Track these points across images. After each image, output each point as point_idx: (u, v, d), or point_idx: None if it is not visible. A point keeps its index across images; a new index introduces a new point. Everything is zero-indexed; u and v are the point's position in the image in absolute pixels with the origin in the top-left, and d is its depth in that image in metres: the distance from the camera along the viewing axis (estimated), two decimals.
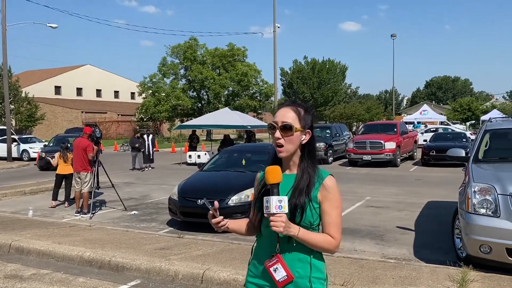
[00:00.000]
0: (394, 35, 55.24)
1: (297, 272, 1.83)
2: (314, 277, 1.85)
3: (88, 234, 6.78)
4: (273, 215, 1.73)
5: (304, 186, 1.87)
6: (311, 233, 1.84)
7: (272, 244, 1.87)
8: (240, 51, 42.36)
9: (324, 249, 1.87)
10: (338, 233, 1.87)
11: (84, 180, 9.17)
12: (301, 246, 1.85)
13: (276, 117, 1.90)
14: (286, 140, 1.86)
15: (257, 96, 43.64)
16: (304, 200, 1.84)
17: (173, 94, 40.09)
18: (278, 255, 1.83)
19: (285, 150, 1.88)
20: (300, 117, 1.89)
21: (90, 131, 9.39)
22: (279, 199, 1.74)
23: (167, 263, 5.05)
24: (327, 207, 1.87)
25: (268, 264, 1.84)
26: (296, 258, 1.84)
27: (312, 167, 1.92)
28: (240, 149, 10.50)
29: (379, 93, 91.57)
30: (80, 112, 48.73)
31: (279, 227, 1.72)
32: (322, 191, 1.88)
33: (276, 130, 1.86)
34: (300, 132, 1.88)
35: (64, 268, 5.43)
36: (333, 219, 1.87)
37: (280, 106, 1.95)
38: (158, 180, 14.74)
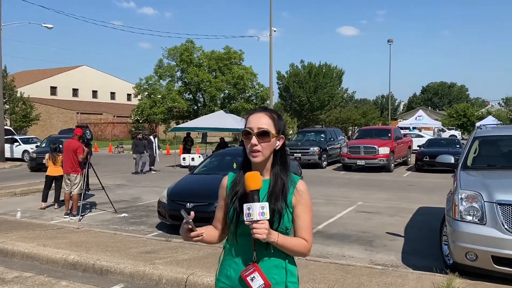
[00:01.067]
0: (391, 41, 55.44)
1: (274, 278, 1.83)
2: (289, 281, 1.87)
3: (74, 237, 6.71)
4: (256, 222, 1.70)
5: (279, 192, 1.86)
6: (288, 238, 1.84)
7: (248, 253, 1.84)
8: (237, 54, 42.35)
9: (299, 253, 1.87)
10: (310, 236, 1.90)
11: (73, 182, 9.11)
12: (278, 252, 1.84)
13: (250, 123, 1.88)
14: (263, 146, 1.85)
15: (253, 99, 43.62)
16: (281, 205, 1.84)
17: (169, 96, 40.02)
18: (255, 264, 1.81)
19: (261, 155, 1.86)
20: (275, 123, 1.89)
21: (81, 133, 9.33)
22: (261, 205, 1.72)
23: (152, 267, 4.99)
24: (300, 211, 1.88)
25: (245, 274, 1.81)
26: (273, 265, 1.84)
27: (285, 172, 1.91)
28: (231, 152, 10.46)
29: (376, 98, 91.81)
30: (75, 113, 48.58)
31: (262, 234, 1.71)
32: (296, 196, 1.89)
33: (252, 136, 1.84)
34: (275, 138, 1.88)
35: (48, 271, 5.36)
36: (306, 223, 1.89)
37: (252, 112, 1.93)
38: (151, 183, 14.68)
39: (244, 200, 1.81)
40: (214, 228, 2.05)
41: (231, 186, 1.97)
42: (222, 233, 2.04)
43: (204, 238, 1.91)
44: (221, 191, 2.02)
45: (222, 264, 1.97)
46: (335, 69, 52.29)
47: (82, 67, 60.36)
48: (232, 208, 1.90)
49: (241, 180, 1.90)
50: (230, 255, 1.92)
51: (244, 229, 1.80)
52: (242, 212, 1.77)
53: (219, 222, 2.03)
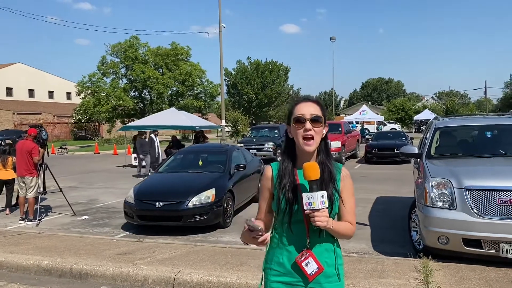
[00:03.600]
0: (333, 38, 57.21)
1: (325, 262, 1.92)
2: (339, 264, 1.97)
3: (40, 242, 6.37)
4: (317, 210, 1.76)
5: (328, 179, 1.92)
6: (339, 222, 1.94)
7: (301, 240, 1.90)
8: (184, 51, 41.78)
9: (347, 236, 1.97)
10: (354, 219, 2.00)
11: (29, 185, 8.61)
12: (328, 238, 1.93)
13: (301, 110, 1.92)
14: (316, 131, 1.90)
15: (202, 97, 43.28)
16: (332, 192, 1.91)
17: (114, 94, 38.69)
18: (309, 250, 1.89)
19: (315, 143, 1.90)
20: (323, 110, 1.96)
21: (36, 133, 8.83)
22: (321, 194, 1.78)
23: (135, 268, 4.88)
24: (346, 196, 1.97)
25: (300, 260, 1.88)
26: (324, 249, 1.93)
27: (330, 160, 1.98)
28: (195, 149, 10.36)
29: (319, 94, 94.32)
30: (11, 113, 45.60)
31: (324, 222, 1.77)
32: (342, 182, 1.98)
33: (306, 122, 1.88)
34: (324, 125, 1.95)
35: (20, 278, 5.07)
36: (351, 206, 1.99)
37: (298, 101, 1.98)
38: (104, 184, 14.18)
39: (296, 190, 1.85)
40: (262, 222, 2.05)
41: (277, 177, 1.98)
42: (267, 223, 2.08)
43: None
44: (265, 182, 2.04)
45: (272, 252, 2.00)
46: (281, 66, 53.13)
47: (16, 64, 56.65)
48: (284, 198, 1.92)
49: (289, 171, 1.94)
50: (281, 244, 1.96)
51: (297, 217, 1.86)
52: (296, 201, 1.82)
53: (263, 213, 2.06)
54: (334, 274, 1.94)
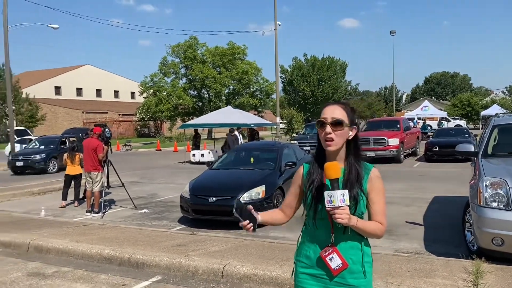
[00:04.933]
0: (393, 32, 55.39)
1: (351, 259, 1.99)
2: (365, 261, 2.03)
3: (103, 233, 6.89)
4: (337, 208, 1.85)
5: (354, 179, 2.00)
6: (365, 221, 2.00)
7: (326, 235, 2.00)
8: (240, 50, 42.40)
9: (375, 235, 2.03)
10: (385, 220, 2.05)
11: (95, 179, 9.27)
12: (354, 235, 2.01)
13: (325, 113, 2.04)
14: (337, 134, 1.99)
15: (258, 94, 43.71)
16: (357, 192, 1.98)
17: (174, 93, 40.14)
18: (333, 246, 1.98)
19: (334, 144, 2.00)
20: (348, 114, 2.04)
21: (100, 131, 9.49)
22: (342, 193, 1.87)
23: (187, 259, 5.16)
24: (374, 197, 2.03)
25: (324, 254, 1.98)
26: (349, 246, 2.00)
27: (358, 161, 2.06)
28: (247, 147, 10.61)
29: (379, 90, 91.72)
30: (80, 112, 48.79)
31: (344, 219, 1.86)
32: (370, 182, 2.03)
33: (327, 126, 2.00)
34: (348, 128, 2.03)
35: (85, 265, 5.54)
36: (381, 207, 2.04)
37: (327, 104, 2.09)
38: (164, 179, 14.85)
39: (321, 188, 1.96)
40: (280, 212, 2.24)
41: (307, 175, 2.12)
42: (288, 217, 2.22)
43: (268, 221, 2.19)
44: (296, 178, 2.19)
45: (301, 246, 2.13)
46: (338, 62, 52.30)
47: (85, 66, 60.54)
48: (310, 195, 2.05)
49: (317, 170, 2.06)
50: (309, 238, 2.09)
51: (323, 214, 1.97)
52: (321, 199, 1.93)
53: (288, 207, 2.21)
54: (360, 271, 2.00)
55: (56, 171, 17.57)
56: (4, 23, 22.58)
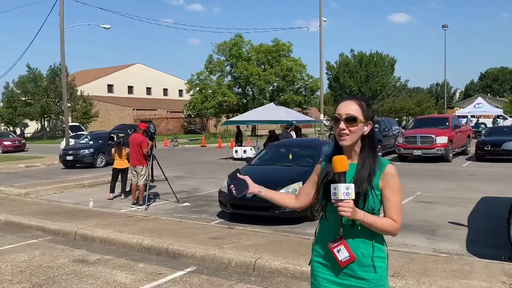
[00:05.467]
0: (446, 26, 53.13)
1: (361, 252, 2.01)
2: (376, 256, 2.03)
3: (145, 224, 7.18)
4: (341, 201, 1.88)
5: (365, 175, 2.01)
6: (375, 217, 1.99)
7: (337, 228, 2.03)
8: (285, 46, 42.34)
9: (387, 232, 2.02)
10: (399, 217, 2.02)
11: (139, 173, 9.66)
12: (364, 231, 2.01)
13: (340, 109, 2.06)
14: (351, 130, 2.02)
15: (302, 91, 43.49)
16: (366, 187, 1.99)
17: (219, 90, 40.78)
18: (342, 238, 2.01)
19: (348, 139, 2.03)
20: (363, 110, 2.05)
21: (145, 127, 9.86)
22: (346, 186, 1.89)
23: (221, 251, 5.29)
24: (388, 193, 2.02)
25: (332, 246, 2.01)
26: (361, 240, 2.02)
27: (373, 156, 2.06)
28: (286, 143, 10.63)
29: (430, 86, 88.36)
30: (131, 109, 50.68)
31: (347, 212, 1.89)
32: (383, 179, 2.03)
33: (341, 122, 2.02)
34: (362, 124, 2.04)
35: (125, 254, 5.82)
36: (394, 204, 2.02)
37: (341, 100, 2.11)
38: (207, 174, 15.17)
39: (334, 182, 1.98)
40: (295, 197, 2.33)
41: (324, 168, 2.17)
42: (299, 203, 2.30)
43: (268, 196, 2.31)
44: (316, 170, 2.26)
45: (317, 236, 2.19)
46: (387, 58, 50.97)
47: (136, 65, 62.76)
48: (322, 188, 2.11)
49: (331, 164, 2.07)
50: (323, 229, 2.14)
51: (333, 207, 1.98)
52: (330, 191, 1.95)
53: (303, 193, 2.29)
54: (370, 265, 2.01)
55: (104, 165, 18.34)
56: (60, 25, 23.85)
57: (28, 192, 11.57)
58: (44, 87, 46.04)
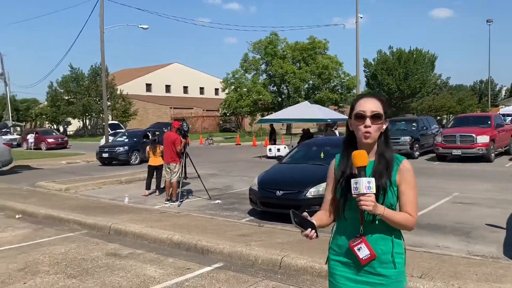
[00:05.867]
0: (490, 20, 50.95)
1: (380, 249, 2.01)
2: (395, 252, 2.03)
3: (176, 220, 7.33)
4: (363, 195, 1.88)
5: (384, 170, 2.02)
6: (393, 211, 2.00)
7: (356, 226, 2.03)
8: (321, 44, 41.95)
9: (404, 226, 2.02)
10: (415, 211, 2.04)
11: (173, 170, 9.87)
12: (383, 226, 2.01)
13: (362, 106, 2.04)
14: (375, 128, 2.02)
15: (339, 89, 42.96)
16: (385, 182, 2.00)
17: (254, 89, 40.93)
18: (362, 236, 2.01)
19: (372, 137, 2.03)
20: (384, 107, 2.07)
21: (178, 125, 10.07)
22: (368, 180, 1.90)
23: (248, 248, 5.34)
24: (404, 188, 2.03)
25: (352, 244, 2.01)
26: (379, 237, 2.02)
27: (389, 152, 2.07)
28: (319, 142, 10.55)
29: (473, 84, 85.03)
30: (168, 107, 51.74)
31: (369, 206, 1.88)
32: (400, 174, 2.04)
33: (366, 119, 2.01)
34: (384, 121, 2.06)
35: (156, 249, 5.97)
36: (411, 199, 2.03)
37: (360, 97, 2.11)
38: (240, 172, 15.28)
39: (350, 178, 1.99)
40: (325, 212, 2.20)
41: (338, 166, 2.16)
42: (332, 213, 2.20)
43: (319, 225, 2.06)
44: (329, 173, 2.22)
45: (334, 234, 2.18)
46: (427, 54, 49.44)
47: (173, 64, 64.01)
48: (340, 187, 2.09)
49: (347, 161, 2.08)
50: (341, 227, 2.13)
51: (352, 205, 2.00)
52: (350, 188, 1.95)
53: (328, 203, 2.21)
54: (390, 261, 2.01)
55: (138, 162, 18.80)
56: (100, 26, 24.68)
57: (68, 188, 12.07)
58: (86, 87, 47.79)
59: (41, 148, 31.16)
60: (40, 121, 57.56)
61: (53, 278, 4.87)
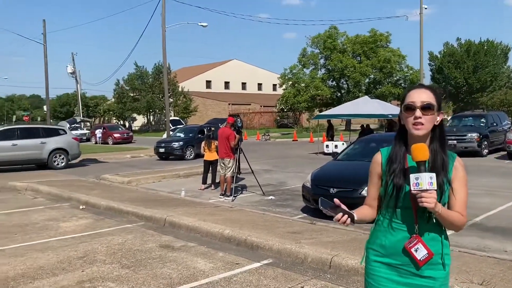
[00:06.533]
0: None
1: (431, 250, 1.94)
2: (445, 253, 1.96)
3: (229, 215, 7.39)
4: (425, 191, 1.78)
5: (440, 167, 1.92)
6: (449, 210, 1.92)
7: (408, 225, 1.94)
8: (383, 37, 40.52)
9: (456, 226, 1.93)
10: (465, 211, 1.95)
11: (227, 165, 9.97)
12: (436, 226, 1.94)
13: (412, 97, 1.94)
14: (426, 119, 1.91)
15: (401, 83, 41.29)
16: (443, 179, 1.91)
17: (312, 84, 40.40)
18: (418, 236, 1.92)
19: (424, 128, 1.91)
20: (436, 98, 1.96)
21: (233, 121, 10.14)
22: (430, 175, 1.79)
23: (298, 246, 5.24)
24: (457, 186, 1.94)
25: (409, 246, 1.92)
26: (430, 238, 1.94)
27: (444, 148, 1.97)
28: (376, 138, 10.18)
29: None
30: (227, 104, 52.59)
31: (431, 203, 1.78)
32: (454, 171, 1.96)
33: (416, 110, 1.91)
34: (436, 113, 1.95)
35: (207, 242, 6.04)
36: (463, 197, 1.95)
37: (411, 88, 2.00)
38: (295, 168, 15.16)
39: (404, 174, 1.92)
40: (368, 207, 2.12)
41: (386, 162, 2.03)
42: (376, 210, 2.11)
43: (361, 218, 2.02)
44: (374, 166, 2.09)
45: (375, 234, 2.06)
46: (500, 46, 46.20)
47: (232, 61, 64.89)
48: (391, 183, 1.96)
49: (398, 156, 1.98)
50: (386, 227, 2.00)
51: (405, 202, 1.92)
52: (403, 185, 1.88)
53: (373, 199, 2.11)
54: (439, 263, 1.94)
55: (193, 157, 19.25)
56: (162, 24, 25.51)
57: (130, 181, 12.61)
58: (150, 84, 49.73)
59: (108, 143, 32.93)
60: (107, 117, 60.83)
61: (108, 267, 5.08)
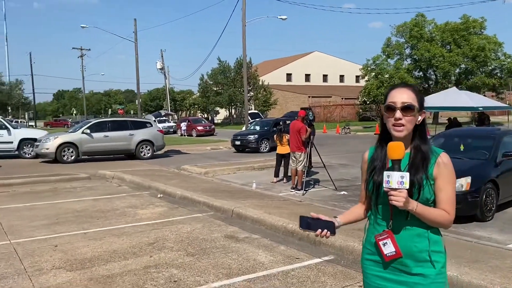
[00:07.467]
0: None
1: (415, 246, 1.89)
2: (432, 250, 1.89)
3: (295, 208, 7.36)
4: (394, 190, 1.77)
5: (419, 163, 1.90)
6: (428, 208, 1.88)
7: (387, 221, 1.94)
8: (477, 23, 37.34)
9: (439, 224, 1.90)
10: (452, 208, 1.90)
11: (298, 159, 9.93)
12: (417, 222, 1.89)
13: (393, 97, 1.93)
14: (407, 120, 1.90)
15: (497, 73, 37.84)
16: (421, 176, 1.88)
17: (397, 75, 38.53)
18: (389, 231, 1.91)
19: (405, 129, 1.90)
20: (418, 98, 1.94)
21: (304, 114, 10.06)
22: (401, 175, 1.77)
23: (361, 244, 5.05)
24: (441, 183, 1.90)
25: (378, 238, 1.92)
26: (415, 234, 1.90)
27: (425, 144, 1.95)
28: (460, 133, 9.46)
29: None
30: (307, 96, 52.23)
31: (400, 202, 1.77)
32: (437, 167, 1.90)
33: (396, 111, 1.90)
34: (418, 113, 1.93)
35: (271, 235, 6.08)
36: (448, 195, 1.90)
37: (393, 88, 1.98)
38: None
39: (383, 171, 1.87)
40: (362, 205, 2.17)
41: (371, 159, 2.05)
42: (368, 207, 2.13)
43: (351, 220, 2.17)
44: (362, 165, 2.12)
45: (367, 232, 2.08)
46: None
47: (313, 53, 64.25)
48: (371, 180, 1.99)
49: (380, 155, 2.00)
50: (372, 224, 2.03)
51: (384, 199, 1.89)
52: (382, 182, 1.83)
53: (364, 196, 2.15)
54: (427, 260, 1.88)
55: (268, 150, 19.48)
56: (242, 19, 26.01)
57: (207, 172, 13.09)
58: (232, 78, 51.06)
59: (192, 135, 34.53)
60: (193, 110, 63.66)
61: (174, 254, 5.33)
